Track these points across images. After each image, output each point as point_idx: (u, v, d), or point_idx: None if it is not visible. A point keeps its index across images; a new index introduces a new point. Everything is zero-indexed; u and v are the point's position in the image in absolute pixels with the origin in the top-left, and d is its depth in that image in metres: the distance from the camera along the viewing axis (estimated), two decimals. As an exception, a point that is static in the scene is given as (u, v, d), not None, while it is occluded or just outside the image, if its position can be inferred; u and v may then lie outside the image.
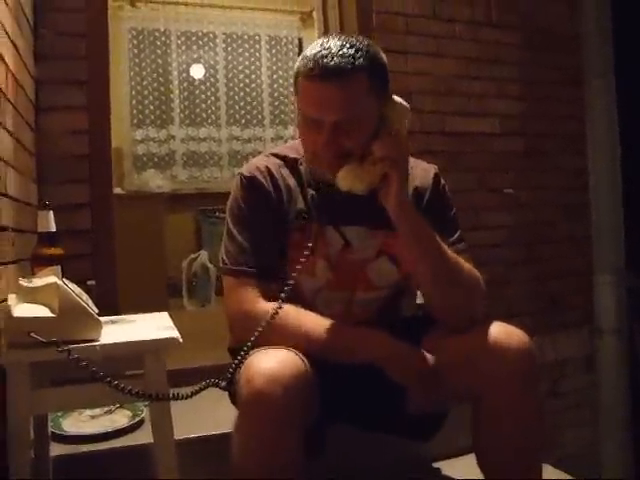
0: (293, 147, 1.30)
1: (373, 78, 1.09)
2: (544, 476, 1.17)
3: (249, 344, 1.07)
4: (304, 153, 1.21)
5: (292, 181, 1.25)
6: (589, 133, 2.66)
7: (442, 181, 1.31)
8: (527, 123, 2.55)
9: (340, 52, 1.05)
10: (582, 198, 2.67)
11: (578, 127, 2.66)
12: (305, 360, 1.04)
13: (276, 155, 1.29)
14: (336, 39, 1.09)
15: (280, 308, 1.10)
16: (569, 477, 1.68)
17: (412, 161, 1.23)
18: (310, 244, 1.16)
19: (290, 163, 1.26)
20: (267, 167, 1.24)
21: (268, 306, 1.12)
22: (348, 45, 1.07)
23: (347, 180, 1.10)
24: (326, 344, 1.11)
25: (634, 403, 2.56)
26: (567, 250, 2.61)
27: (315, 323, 1.14)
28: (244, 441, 0.98)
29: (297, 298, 1.19)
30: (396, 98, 1.16)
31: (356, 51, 1.07)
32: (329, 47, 1.07)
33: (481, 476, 1.19)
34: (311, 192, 1.24)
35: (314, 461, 1.03)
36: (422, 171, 1.30)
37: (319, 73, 1.05)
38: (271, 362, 0.98)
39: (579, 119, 2.66)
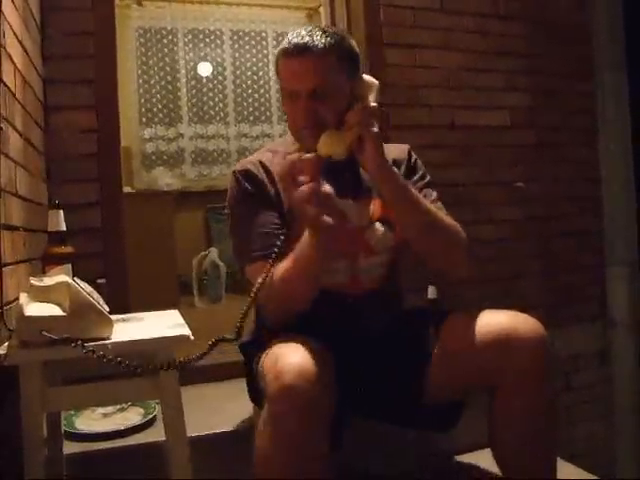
0: (283, 142, 1.40)
1: (341, 57, 1.22)
2: (557, 470, 1.17)
3: (239, 324, 1.11)
4: (289, 130, 1.30)
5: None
6: (600, 125, 2.63)
7: (414, 155, 1.42)
8: (537, 115, 2.52)
9: (309, 33, 1.21)
10: (594, 191, 2.64)
11: (589, 119, 2.63)
12: (329, 353, 1.06)
13: (267, 150, 1.38)
14: (309, 27, 1.25)
15: (269, 271, 1.13)
16: (582, 472, 1.67)
17: (387, 144, 1.31)
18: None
19: (281, 155, 1.32)
20: (259, 160, 1.32)
21: None
22: (317, 29, 1.23)
23: (327, 145, 1.17)
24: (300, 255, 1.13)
25: (648, 397, 2.54)
26: (580, 243, 2.58)
27: (288, 262, 1.15)
28: (273, 435, 0.98)
29: None
30: (365, 76, 1.29)
31: (323, 32, 1.22)
32: (300, 32, 1.23)
33: (495, 470, 1.19)
34: None
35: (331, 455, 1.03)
36: (396, 148, 1.41)
37: (292, 49, 1.21)
38: (298, 356, 1.00)
39: (590, 111, 2.63)
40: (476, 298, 2.17)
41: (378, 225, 1.31)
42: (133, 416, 1.59)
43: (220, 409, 1.67)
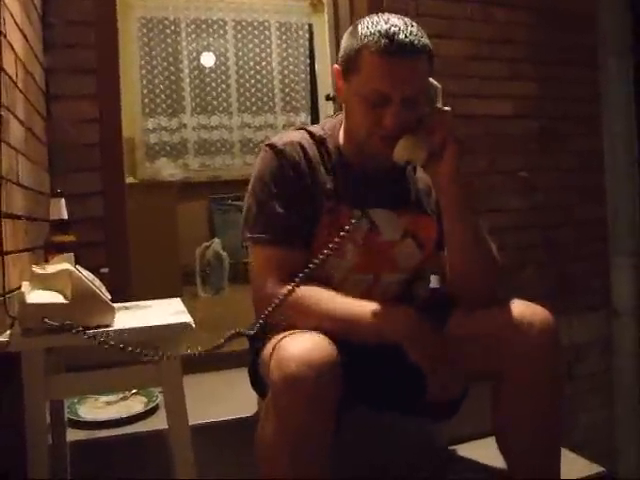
0: (321, 127, 1.30)
1: (430, 58, 1.13)
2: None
3: (261, 321, 1.09)
4: (355, 133, 1.20)
5: (321, 159, 1.24)
6: (605, 114, 2.61)
7: None
8: (542, 105, 2.50)
9: (408, 30, 1.08)
10: (598, 180, 2.63)
11: (594, 108, 2.62)
12: (332, 343, 1.03)
13: (307, 131, 1.27)
14: (395, 18, 1.11)
15: (296, 287, 1.10)
16: (584, 460, 1.67)
17: None
18: (348, 227, 1.15)
19: (319, 141, 1.25)
20: (299, 142, 1.22)
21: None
22: (410, 24, 1.10)
23: (407, 150, 1.10)
24: (349, 322, 1.11)
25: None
26: (583, 233, 2.57)
27: (336, 302, 1.13)
28: (276, 424, 0.98)
29: (326, 280, 1.20)
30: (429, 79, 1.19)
31: (418, 30, 1.10)
32: (395, 24, 1.08)
33: (499, 459, 1.19)
34: (340, 173, 1.23)
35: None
36: None
37: (395, 48, 1.06)
38: (301, 345, 0.99)
39: (595, 100, 2.62)
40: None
41: (408, 241, 1.26)
42: (136, 404, 1.60)
43: (222, 397, 1.67)
